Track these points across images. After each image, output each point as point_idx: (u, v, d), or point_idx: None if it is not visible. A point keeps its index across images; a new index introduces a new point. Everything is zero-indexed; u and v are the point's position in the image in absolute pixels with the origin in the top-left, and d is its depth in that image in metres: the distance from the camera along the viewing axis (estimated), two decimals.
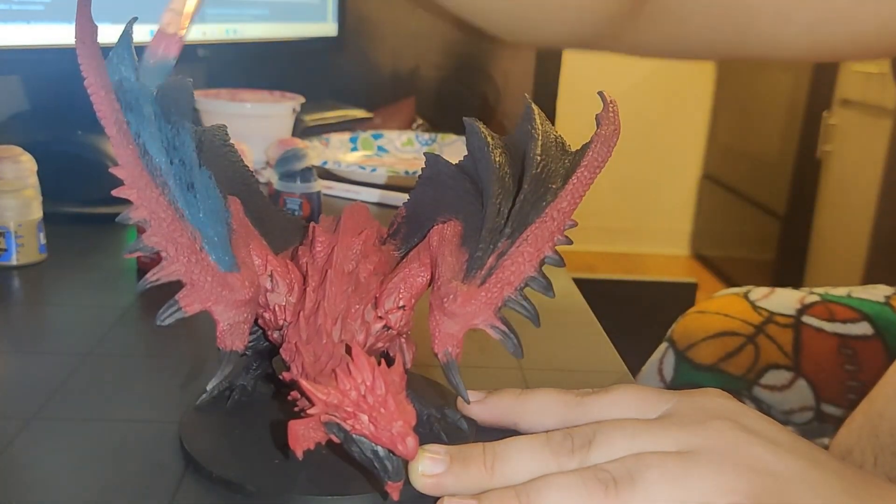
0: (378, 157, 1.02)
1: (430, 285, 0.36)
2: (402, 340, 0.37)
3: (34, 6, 0.68)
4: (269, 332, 0.36)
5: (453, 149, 1.04)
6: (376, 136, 1.03)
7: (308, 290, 0.35)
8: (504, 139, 0.37)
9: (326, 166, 0.83)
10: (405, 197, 0.40)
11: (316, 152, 0.90)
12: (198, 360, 0.45)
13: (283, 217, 0.41)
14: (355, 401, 0.29)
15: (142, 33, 0.79)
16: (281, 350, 0.34)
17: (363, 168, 0.83)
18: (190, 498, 0.32)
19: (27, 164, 0.58)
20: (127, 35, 0.33)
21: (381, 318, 0.35)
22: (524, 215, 0.34)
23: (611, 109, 0.35)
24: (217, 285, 0.32)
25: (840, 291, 0.79)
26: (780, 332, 0.75)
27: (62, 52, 0.69)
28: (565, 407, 0.35)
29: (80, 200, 0.70)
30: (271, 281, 0.35)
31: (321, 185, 0.69)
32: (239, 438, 0.36)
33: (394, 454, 0.29)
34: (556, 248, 0.34)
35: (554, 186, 0.34)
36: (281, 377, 0.34)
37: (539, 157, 0.35)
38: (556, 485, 0.29)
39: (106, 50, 0.31)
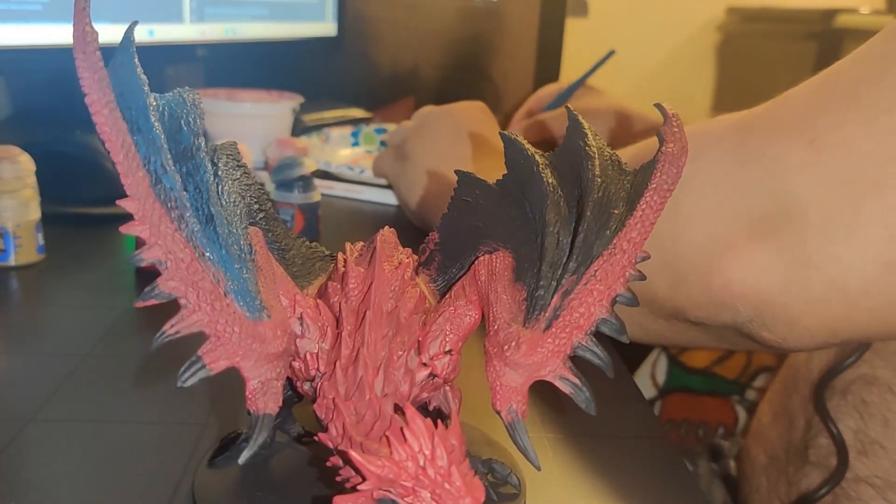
0: (378, 152, 1.01)
1: (477, 325, 0.32)
2: (447, 388, 0.33)
3: (32, 6, 0.68)
4: (299, 384, 0.32)
5: None
6: (379, 131, 1.02)
7: (343, 334, 0.31)
8: (549, 156, 0.32)
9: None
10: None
11: (314, 150, 0.89)
12: None
13: (303, 246, 0.36)
14: (414, 474, 0.25)
15: (140, 33, 0.79)
16: (315, 406, 0.30)
17: (351, 169, 0.83)
18: (189, 499, 0.32)
19: (26, 164, 0.58)
20: (128, 41, 0.28)
21: (425, 365, 0.31)
22: (588, 246, 0.30)
23: (674, 124, 0.31)
24: (246, 337, 0.28)
25: None
26: None
27: (60, 52, 0.69)
28: None
29: (79, 201, 0.70)
30: (301, 325, 0.31)
31: (323, 186, 0.68)
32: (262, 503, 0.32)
33: None
34: (628, 283, 0.30)
35: (616, 212, 0.30)
36: (316, 438, 0.30)
37: (599, 179, 0.31)
38: None
39: (109, 52, 0.28)
